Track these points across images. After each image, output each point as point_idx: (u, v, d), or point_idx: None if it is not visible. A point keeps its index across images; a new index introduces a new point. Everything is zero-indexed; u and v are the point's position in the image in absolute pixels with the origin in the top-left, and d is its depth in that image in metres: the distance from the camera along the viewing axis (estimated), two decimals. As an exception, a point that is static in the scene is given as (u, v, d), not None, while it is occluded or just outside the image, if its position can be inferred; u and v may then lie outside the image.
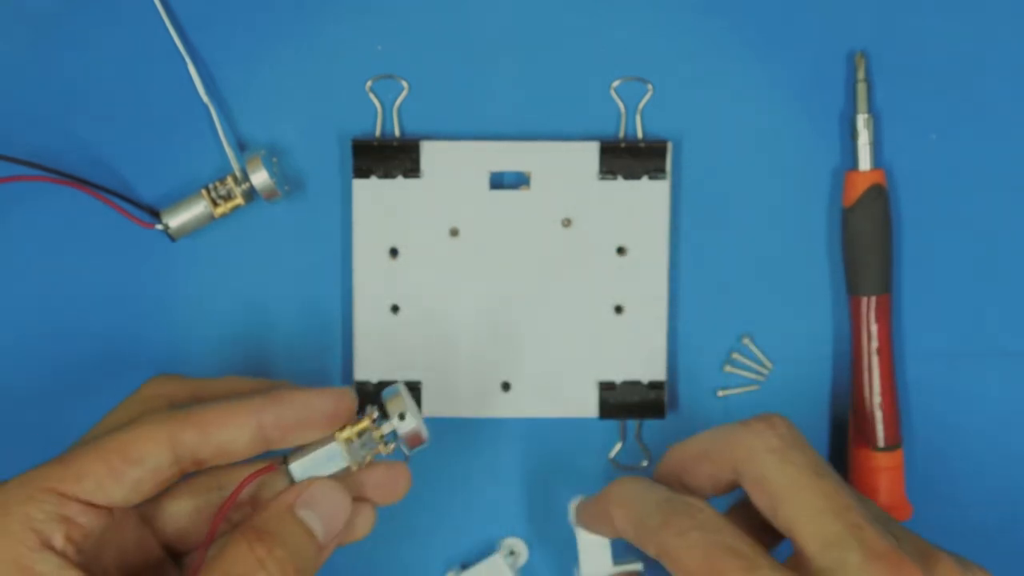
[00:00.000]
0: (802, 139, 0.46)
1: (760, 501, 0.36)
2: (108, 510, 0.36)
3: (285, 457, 0.38)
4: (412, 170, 0.45)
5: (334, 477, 0.38)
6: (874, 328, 0.45)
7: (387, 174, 0.45)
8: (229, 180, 0.45)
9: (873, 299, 0.45)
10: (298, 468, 0.38)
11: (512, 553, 0.46)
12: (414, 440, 0.38)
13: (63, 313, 0.46)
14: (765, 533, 0.37)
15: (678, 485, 0.40)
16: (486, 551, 0.46)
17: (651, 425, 0.47)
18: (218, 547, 0.36)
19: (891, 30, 0.46)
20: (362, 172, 0.45)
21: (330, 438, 0.38)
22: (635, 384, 0.45)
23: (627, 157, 0.45)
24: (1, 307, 0.46)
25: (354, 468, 0.38)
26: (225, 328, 0.46)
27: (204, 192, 0.45)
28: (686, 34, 0.46)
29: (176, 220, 0.45)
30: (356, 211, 0.45)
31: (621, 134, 0.46)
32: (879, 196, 0.45)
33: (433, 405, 0.45)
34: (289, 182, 0.46)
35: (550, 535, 0.47)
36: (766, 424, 0.37)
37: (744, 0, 0.46)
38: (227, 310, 0.46)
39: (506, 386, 0.45)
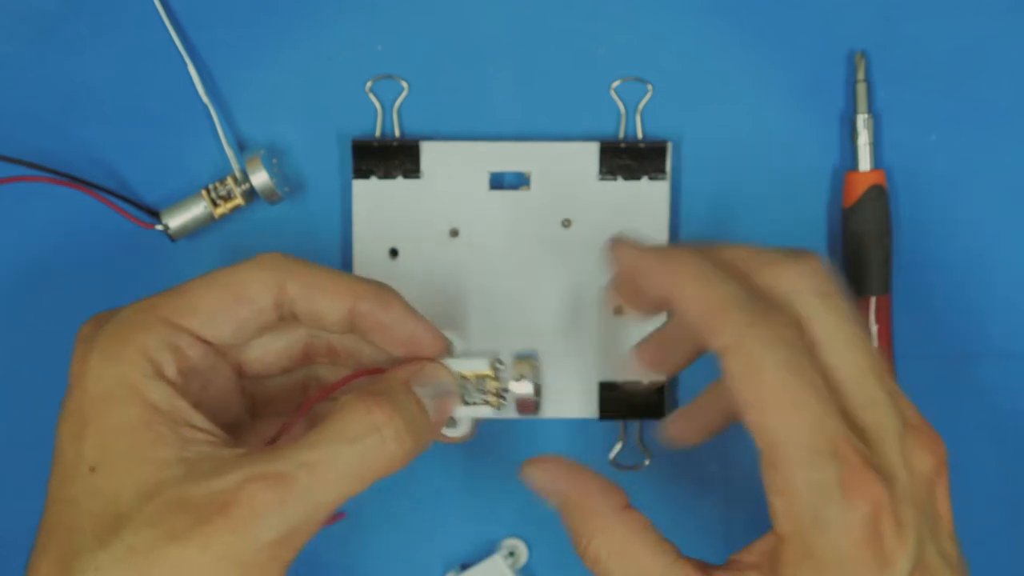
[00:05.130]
0: (802, 139, 0.46)
1: None
2: (212, 347, 0.37)
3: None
4: (412, 170, 0.45)
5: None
6: (874, 329, 0.45)
7: (387, 174, 0.45)
8: (229, 180, 0.45)
9: (873, 300, 0.45)
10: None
11: (512, 554, 0.46)
12: (523, 405, 0.38)
13: (63, 313, 0.46)
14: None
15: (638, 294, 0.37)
16: (486, 551, 0.46)
17: (652, 426, 0.46)
18: (328, 410, 0.36)
19: (891, 30, 0.46)
20: (362, 173, 0.45)
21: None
22: (635, 385, 0.45)
23: (627, 157, 0.45)
24: (1, 308, 0.46)
25: (460, 405, 0.38)
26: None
27: (204, 192, 0.45)
28: (686, 34, 0.46)
29: (176, 220, 0.45)
30: (356, 212, 0.45)
31: (621, 134, 0.46)
32: (879, 196, 0.45)
33: None
34: (289, 182, 0.46)
35: (550, 535, 0.47)
36: (811, 265, 0.35)
37: (744, 0, 0.46)
38: (227, 310, 0.46)
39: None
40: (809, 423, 0.32)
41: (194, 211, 0.45)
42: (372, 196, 0.45)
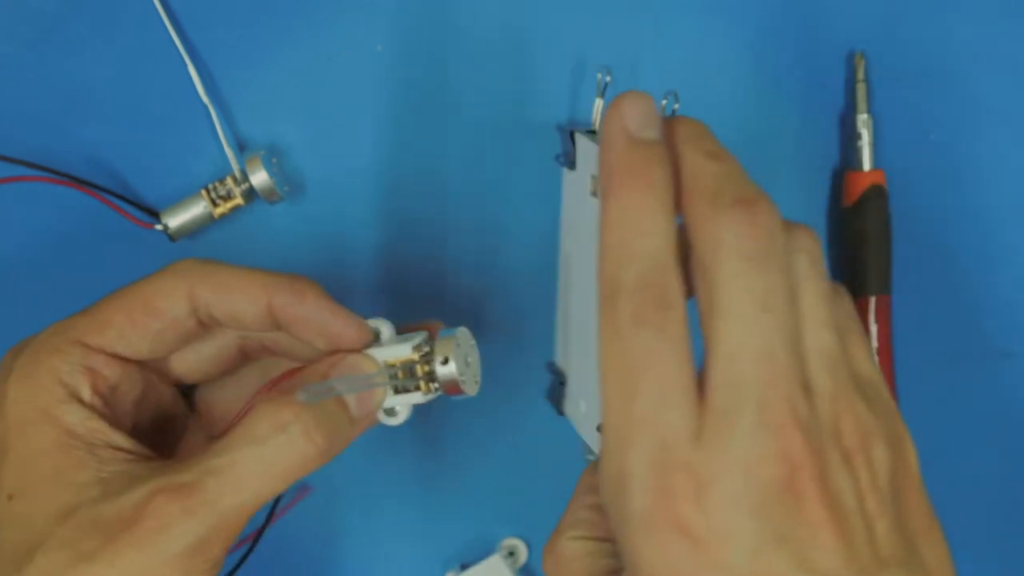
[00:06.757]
0: (802, 139, 0.46)
1: (696, 288, 0.30)
2: (131, 362, 0.36)
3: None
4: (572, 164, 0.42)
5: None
6: (874, 329, 0.45)
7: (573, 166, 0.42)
8: (229, 180, 0.45)
9: (873, 300, 0.45)
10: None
11: (512, 553, 0.46)
12: (450, 387, 0.36)
13: (63, 314, 0.46)
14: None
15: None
16: (486, 551, 0.46)
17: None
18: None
19: (891, 30, 0.46)
20: (571, 163, 0.42)
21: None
22: None
23: None
24: (1, 308, 0.46)
25: (391, 393, 0.37)
26: (225, 328, 0.46)
27: (204, 192, 0.45)
28: (686, 35, 0.46)
29: (176, 220, 0.45)
30: (565, 202, 0.43)
31: None
32: (879, 196, 0.45)
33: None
34: (289, 182, 0.46)
35: (550, 535, 0.47)
36: (748, 217, 0.29)
37: (744, 0, 0.46)
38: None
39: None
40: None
41: (194, 211, 0.45)
42: (572, 188, 0.42)
